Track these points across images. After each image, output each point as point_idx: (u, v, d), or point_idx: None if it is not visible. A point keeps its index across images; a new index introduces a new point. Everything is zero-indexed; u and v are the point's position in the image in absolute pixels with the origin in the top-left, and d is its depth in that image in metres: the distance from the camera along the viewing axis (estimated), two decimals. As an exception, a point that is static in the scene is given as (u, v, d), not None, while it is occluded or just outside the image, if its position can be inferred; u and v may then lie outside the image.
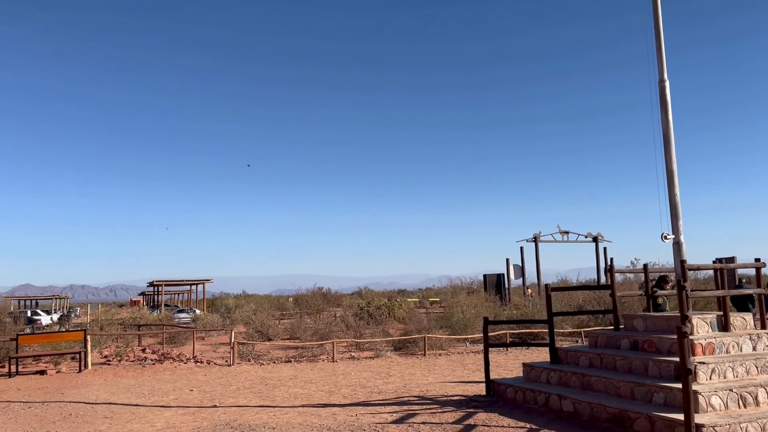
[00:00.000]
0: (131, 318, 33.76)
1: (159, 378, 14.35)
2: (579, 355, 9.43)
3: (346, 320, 27.11)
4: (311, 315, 34.37)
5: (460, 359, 17.36)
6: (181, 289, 74.34)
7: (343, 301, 51.53)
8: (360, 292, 66.55)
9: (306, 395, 11.32)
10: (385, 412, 9.23)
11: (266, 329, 25.48)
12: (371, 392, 11.45)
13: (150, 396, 11.64)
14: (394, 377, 13.62)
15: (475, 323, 22.99)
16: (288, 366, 16.63)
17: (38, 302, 79.42)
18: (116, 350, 18.59)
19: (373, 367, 15.71)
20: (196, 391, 12.14)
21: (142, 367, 16.52)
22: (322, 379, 13.53)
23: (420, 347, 19.65)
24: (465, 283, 54.80)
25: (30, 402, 11.14)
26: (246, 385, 12.98)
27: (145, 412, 9.92)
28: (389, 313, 31.92)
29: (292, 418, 8.99)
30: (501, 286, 40.28)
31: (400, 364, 16.33)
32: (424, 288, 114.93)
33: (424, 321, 24.17)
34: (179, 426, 8.65)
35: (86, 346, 16.27)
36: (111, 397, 11.52)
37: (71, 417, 9.59)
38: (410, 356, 18.57)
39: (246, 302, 46.33)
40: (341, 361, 17.70)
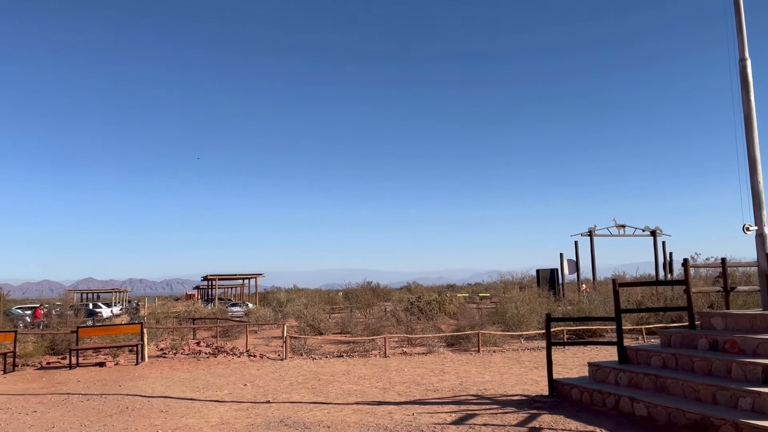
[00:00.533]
0: (186, 311, 34.41)
1: (213, 372, 14.39)
2: (650, 354, 8.82)
3: (396, 315, 26.84)
4: (361, 309, 34.29)
5: (515, 356, 16.82)
6: (233, 283, 75.72)
7: (392, 296, 51.36)
8: (409, 286, 66.27)
9: (360, 392, 11.07)
10: (443, 411, 8.86)
11: (317, 323, 25.46)
12: (427, 390, 11.11)
13: (204, 390, 11.62)
14: (449, 374, 13.23)
15: (530, 319, 22.34)
16: (340, 361, 16.47)
17: (99, 295, 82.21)
18: (172, 343, 18.84)
19: (427, 364, 15.36)
20: (249, 386, 12.06)
21: (197, 360, 16.64)
22: (375, 375, 13.27)
23: (473, 343, 19.19)
24: (516, 278, 53.77)
25: (88, 394, 11.28)
26: (299, 380, 12.84)
27: (200, 406, 9.86)
28: (440, 308, 31.48)
29: (347, 416, 8.73)
30: (555, 282, 39.20)
31: (453, 361, 15.93)
32: (473, 283, 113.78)
33: (476, 317, 23.66)
34: (233, 422, 8.52)
35: (143, 339, 16.51)
36: (166, 391, 11.55)
37: (127, 410, 9.61)
38: (464, 352, 18.14)
39: (297, 296, 46.74)
40: (393, 356, 17.43)
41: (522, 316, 22.14)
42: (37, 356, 16.73)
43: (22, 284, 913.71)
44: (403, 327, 22.81)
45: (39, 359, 16.71)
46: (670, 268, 41.78)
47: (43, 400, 10.83)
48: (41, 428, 8.36)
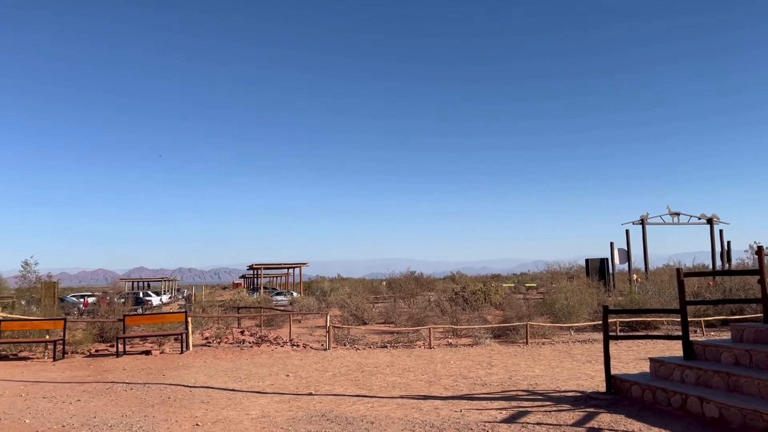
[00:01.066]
0: (231, 300, 34.74)
1: (256, 362, 14.25)
2: (720, 350, 8.11)
3: (441, 305, 26.38)
4: (405, 299, 33.92)
5: (566, 349, 16.14)
6: (279, 273, 76.54)
7: (436, 286, 50.82)
8: (453, 276, 65.63)
9: (404, 385, 10.68)
10: (493, 408, 8.38)
11: (361, 313, 25.22)
12: (474, 384, 10.63)
13: (246, 381, 11.43)
14: (497, 367, 12.71)
15: (580, 310, 21.56)
16: (384, 352, 16.12)
17: (149, 284, 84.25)
18: (216, 332, 18.86)
19: (473, 356, 14.86)
20: (291, 377, 11.82)
21: (240, 349, 16.57)
22: (420, 368, 12.85)
23: (521, 335, 18.58)
24: (563, 268, 52.47)
25: (132, 383, 11.24)
26: (342, 371, 12.55)
27: (241, 398, 9.65)
28: (485, 299, 30.85)
29: (391, 411, 8.35)
30: (605, 272, 37.94)
31: (501, 353, 15.38)
32: (518, 273, 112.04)
33: (524, 307, 22.97)
34: (274, 415, 8.24)
35: (187, 328, 16.53)
36: (209, 381, 11.42)
37: (169, 400, 9.47)
38: (511, 344, 17.55)
39: (341, 285, 46.72)
40: (438, 347, 16.98)
41: (572, 307, 21.36)
42: (86, 344, 16.97)
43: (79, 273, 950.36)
44: (448, 317, 22.32)
45: (88, 347, 16.95)
46: (727, 257, 39.93)
47: (88, 388, 10.83)
48: (82, 418, 8.27)
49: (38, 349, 16.43)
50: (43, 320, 16.28)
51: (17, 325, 15.96)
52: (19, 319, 16.55)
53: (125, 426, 7.74)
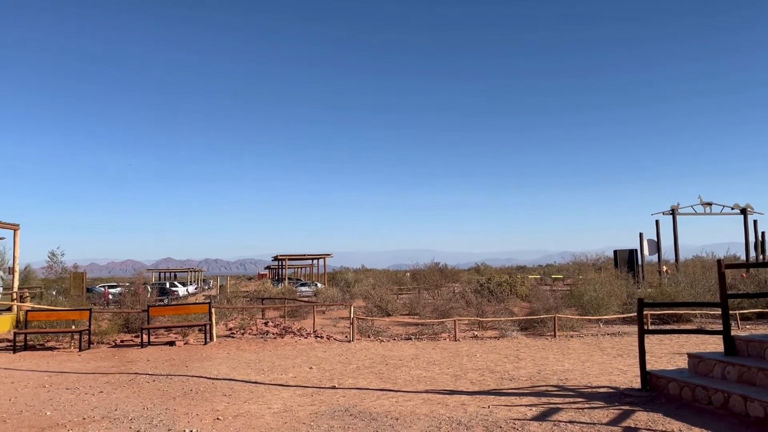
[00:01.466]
0: (256, 291, 34.83)
1: (279, 353, 14.11)
2: (765, 346, 7.67)
3: (466, 297, 26.05)
4: (429, 290, 33.63)
5: (595, 342, 15.72)
6: (303, 263, 76.83)
7: (461, 277, 50.43)
8: (478, 267, 65.08)
9: (430, 378, 10.41)
10: (522, 404, 8.07)
11: (385, 304, 25.03)
12: (502, 378, 10.32)
13: (269, 373, 11.28)
14: (525, 361, 12.37)
15: (609, 302, 21.05)
16: (408, 344, 15.88)
17: (176, 275, 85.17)
18: (240, 323, 18.80)
19: (500, 349, 14.53)
20: (315, 369, 11.64)
21: (264, 341, 16.47)
22: (446, 361, 12.57)
23: (549, 328, 18.17)
24: (590, 260, 51.64)
25: (155, 375, 11.16)
26: (366, 363, 12.33)
27: (264, 391, 9.48)
28: (511, 290, 30.43)
29: (417, 406, 8.09)
30: (633, 263, 37.13)
31: (528, 346, 15.02)
32: (543, 264, 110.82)
33: (551, 299, 22.52)
34: (296, 409, 8.05)
35: (211, 319, 16.47)
36: (231, 373, 11.29)
37: (191, 393, 9.35)
38: (538, 337, 17.17)
39: (365, 276, 46.60)
40: (464, 340, 16.69)
41: (601, 299, 20.86)
42: (111, 334, 17.04)
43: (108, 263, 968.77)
44: (474, 309, 21.99)
45: (113, 337, 17.01)
46: (762, 248, 38.78)
47: (111, 379, 10.78)
48: (104, 410, 8.17)
49: (65, 339, 16.54)
50: (69, 310, 16.38)
51: (44, 315, 16.08)
52: (45, 310, 16.67)
53: (146, 419, 7.61)
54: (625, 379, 9.79)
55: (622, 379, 9.90)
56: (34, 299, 23.19)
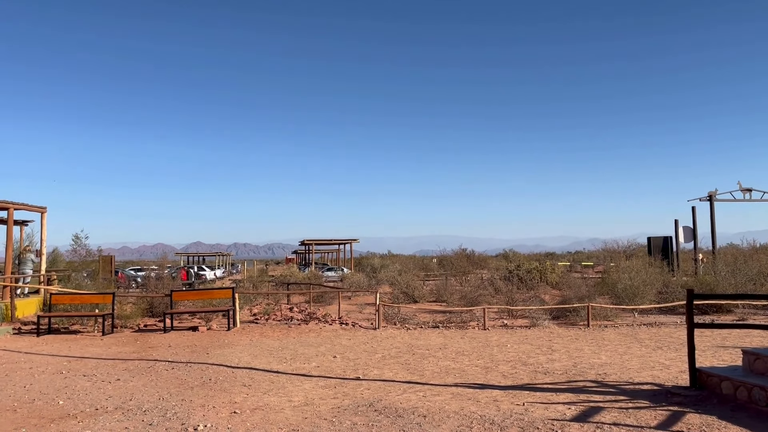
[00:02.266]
0: (282, 275, 34.64)
1: (303, 340, 13.73)
2: (831, 344, 6.95)
3: (494, 284, 25.41)
4: (456, 277, 33.03)
5: (631, 333, 14.99)
6: (330, 248, 76.94)
7: (489, 264, 49.64)
8: (506, 254, 64.10)
9: (459, 370, 9.89)
10: (559, 402, 7.49)
11: (412, 291, 24.54)
12: (535, 371, 9.74)
13: (292, 362, 10.88)
14: (559, 353, 11.75)
15: (645, 291, 20.18)
16: (436, 332, 15.36)
17: (204, 258, 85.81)
18: (265, 308, 18.50)
19: (531, 339, 13.92)
20: (339, 358, 11.21)
21: (288, 327, 16.12)
22: (475, 351, 12.03)
23: (582, 317, 17.46)
24: (621, 247, 50.42)
25: (175, 362, 10.85)
26: (392, 353, 11.85)
27: (285, 381, 9.07)
28: (541, 278, 29.66)
29: (446, 402, 7.57)
30: (668, 251, 35.95)
31: (561, 337, 14.38)
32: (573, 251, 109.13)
33: (583, 287, 21.75)
34: (318, 403, 7.60)
35: (234, 304, 16.17)
36: (253, 361, 10.92)
37: (210, 382, 8.98)
38: (571, 327, 16.50)
39: (391, 262, 46.12)
40: (493, 329, 16.10)
41: (636, 287, 20.00)
42: (134, 318, 16.87)
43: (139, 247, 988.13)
44: (503, 297, 21.36)
45: (136, 321, 16.85)
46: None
47: (130, 366, 10.50)
48: (118, 400, 7.84)
49: (89, 322, 16.44)
50: (93, 294, 16.24)
51: (68, 298, 15.95)
52: (69, 293, 16.56)
53: (160, 411, 7.25)
54: (670, 375, 9.12)
55: (665, 375, 9.23)
56: (62, 282, 23.25)
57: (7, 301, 17.41)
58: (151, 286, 20.36)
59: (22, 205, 20.86)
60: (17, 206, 20.49)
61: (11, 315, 17.17)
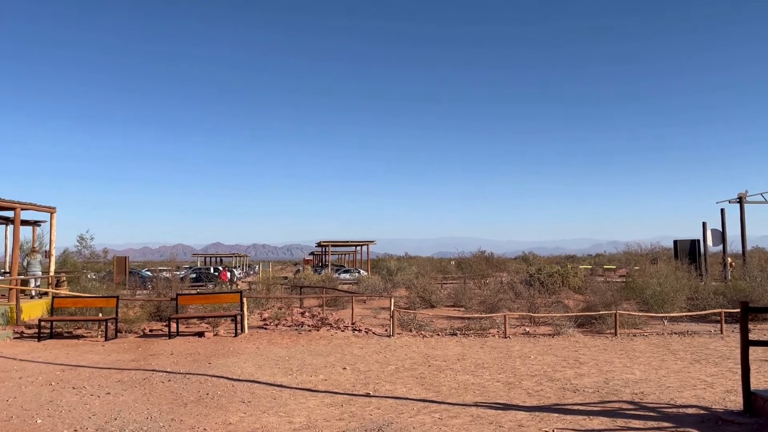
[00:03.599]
0: (295, 278, 33.96)
1: (312, 349, 12.96)
2: None
3: (514, 288, 24.47)
4: (475, 280, 32.09)
5: (663, 343, 14.00)
6: (346, 250, 76.22)
7: (508, 266, 48.56)
8: (526, 257, 62.90)
9: (479, 387, 9.04)
10: (593, 428, 6.61)
11: (429, 295, 23.67)
12: (563, 389, 8.85)
13: (298, 373, 10.11)
14: (588, 366, 10.83)
15: (675, 298, 19.08)
16: (454, 341, 14.49)
17: (222, 259, 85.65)
18: (275, 313, 17.77)
19: (556, 349, 13.01)
20: (349, 370, 10.42)
21: (298, 333, 15.37)
22: (496, 363, 11.16)
23: (608, 325, 16.48)
24: (645, 250, 49.10)
25: (173, 373, 10.13)
26: (406, 365, 11.03)
27: (288, 397, 8.30)
28: (563, 282, 28.61)
29: (464, 427, 6.73)
30: (695, 254, 34.63)
31: (588, 347, 13.44)
32: (593, 254, 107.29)
33: (608, 293, 20.70)
34: (321, 425, 6.81)
35: (242, 309, 15.44)
36: (256, 372, 10.17)
37: (206, 398, 8.24)
38: (597, 335, 15.54)
39: (408, 264, 45.24)
40: (514, 337, 15.20)
41: (666, 294, 18.92)
42: (140, 322, 16.25)
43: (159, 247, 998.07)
44: (523, 302, 20.42)
45: (143, 325, 16.23)
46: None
47: (124, 377, 9.81)
48: (102, 419, 7.12)
49: (94, 326, 15.85)
50: (96, 298, 15.62)
51: (70, 302, 15.35)
52: (72, 296, 15.98)
53: (145, 433, 6.52)
54: (715, 396, 8.19)
55: (710, 395, 8.29)
56: (71, 284, 22.80)
57: (13, 303, 16.92)
58: (159, 289, 19.75)
59: (30, 205, 20.40)
60: (24, 206, 20.02)
61: (17, 318, 16.66)
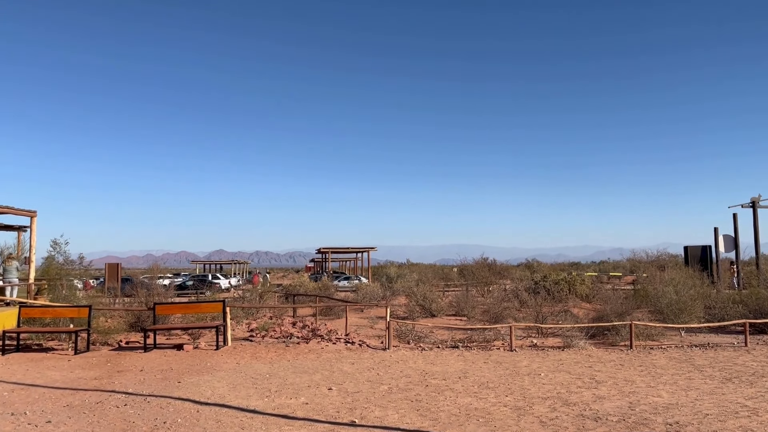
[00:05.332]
0: (291, 285, 32.72)
1: (298, 365, 11.71)
2: None
3: (519, 296, 23.18)
4: (478, 287, 30.81)
5: (684, 357, 12.73)
6: (347, 257, 75.00)
7: (511, 273, 47.30)
8: (530, 264, 61.59)
9: (483, 412, 7.77)
10: (626, 472, 5.35)
11: (429, 303, 22.39)
12: (582, 416, 7.58)
13: (276, 396, 8.86)
14: (606, 386, 9.56)
15: (693, 307, 17.76)
16: (455, 354, 13.23)
17: (222, 266, 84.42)
18: (262, 324, 16.53)
19: (568, 365, 11.74)
20: (335, 391, 9.17)
21: (286, 346, 14.12)
22: (503, 382, 9.89)
23: (622, 336, 15.22)
24: (651, 256, 47.88)
25: (134, 395, 8.88)
26: (401, 384, 9.77)
27: (259, 426, 7.06)
28: (570, 290, 27.30)
29: (466, 470, 5.48)
30: (707, 261, 33.29)
31: (603, 362, 12.17)
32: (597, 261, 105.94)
33: (619, 301, 19.39)
34: (291, 468, 5.57)
35: (225, 320, 14.20)
36: (229, 394, 8.92)
37: (163, 427, 7.01)
38: (611, 348, 14.29)
39: (409, 271, 43.98)
40: (521, 350, 13.95)
41: (683, 302, 17.60)
42: (117, 334, 15.03)
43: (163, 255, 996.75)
44: (530, 311, 19.13)
45: (120, 337, 15.02)
46: None
47: (77, 400, 8.57)
48: (27, 458, 5.90)
49: (68, 338, 14.64)
50: (66, 307, 14.38)
51: (38, 312, 14.12)
52: (41, 306, 14.75)
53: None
54: (765, 427, 6.91)
55: (758, 426, 7.01)
56: (54, 292, 21.57)
57: (-17, 313, 15.72)
58: (140, 297, 18.52)
59: (7, 209, 19.22)
60: (1, 210, 18.88)
61: (-14, 328, 15.46)
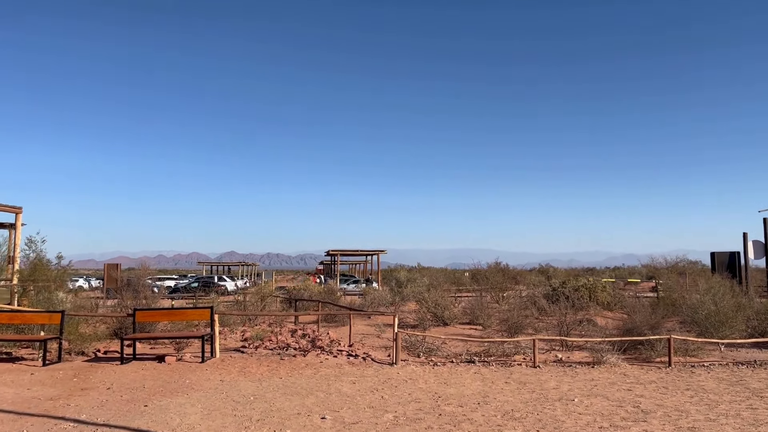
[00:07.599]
0: (295, 288, 31.21)
1: (291, 383, 10.15)
2: None
3: (537, 302, 21.54)
4: (492, 293, 29.10)
5: (734, 378, 11.05)
6: (356, 260, 73.56)
7: (525, 278, 45.63)
8: (544, 269, 59.79)
9: (511, 456, 6.18)
10: None
11: (441, 311, 20.76)
12: (638, 464, 5.96)
13: (257, 426, 7.29)
14: (657, 419, 7.90)
15: (735, 319, 15.99)
16: (471, 372, 11.62)
17: (230, 268, 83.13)
18: (257, 333, 14.99)
19: (603, 386, 10.10)
20: (329, 421, 7.59)
21: (280, 359, 12.56)
22: (530, 411, 8.28)
23: (657, 351, 13.55)
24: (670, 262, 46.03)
25: (84, 424, 7.34)
26: (408, 412, 8.18)
27: (225, 475, 5.51)
28: (590, 297, 25.58)
29: None
30: (735, 268, 31.42)
31: (642, 383, 10.53)
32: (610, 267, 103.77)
33: (649, 312, 17.66)
34: None
35: (213, 328, 12.67)
36: (199, 424, 7.36)
37: (103, 475, 5.48)
38: (646, 365, 12.65)
39: (419, 276, 42.31)
40: (545, 366, 12.34)
41: (724, 314, 15.82)
42: (93, 343, 13.57)
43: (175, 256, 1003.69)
44: (551, 320, 17.48)
45: (97, 345, 13.55)
46: None
47: (19, 427, 7.07)
48: None
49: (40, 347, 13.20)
50: (37, 313, 12.92)
51: (5, 317, 12.65)
52: (9, 311, 13.30)
53: None
54: None
55: None
56: (40, 294, 20.14)
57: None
58: (125, 301, 17.06)
59: (-11, 204, 17.91)
60: (-17, 206, 17.55)
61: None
